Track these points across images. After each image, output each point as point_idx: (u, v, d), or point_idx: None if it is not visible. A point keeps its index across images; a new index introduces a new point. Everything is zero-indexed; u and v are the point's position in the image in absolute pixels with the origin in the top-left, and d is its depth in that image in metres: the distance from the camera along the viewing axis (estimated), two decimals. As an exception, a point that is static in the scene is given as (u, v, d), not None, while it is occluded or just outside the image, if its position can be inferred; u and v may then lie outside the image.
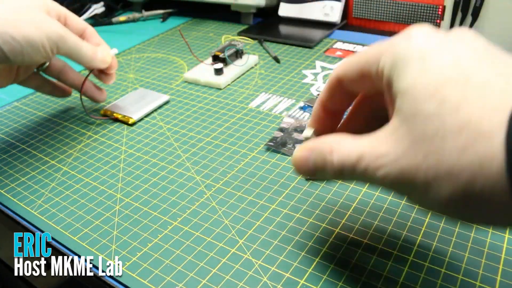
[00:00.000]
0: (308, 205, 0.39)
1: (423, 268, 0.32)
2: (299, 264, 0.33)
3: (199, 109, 0.57)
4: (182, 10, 0.93)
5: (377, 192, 0.40)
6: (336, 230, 0.36)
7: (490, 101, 0.17)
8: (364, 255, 0.33)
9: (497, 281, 0.31)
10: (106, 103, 0.59)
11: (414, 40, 0.22)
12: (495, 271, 0.31)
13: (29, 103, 0.61)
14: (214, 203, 0.40)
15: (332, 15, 0.79)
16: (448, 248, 0.34)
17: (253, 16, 0.84)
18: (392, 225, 0.36)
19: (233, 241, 0.36)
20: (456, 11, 0.67)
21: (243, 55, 0.67)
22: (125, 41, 0.81)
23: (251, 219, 0.38)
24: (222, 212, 0.39)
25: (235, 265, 0.33)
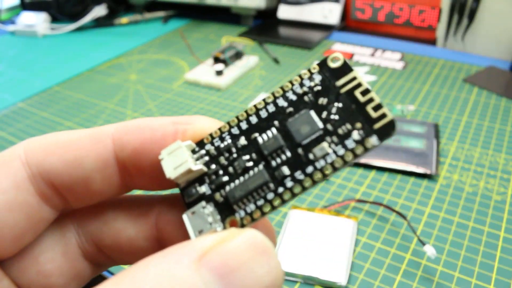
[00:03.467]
0: (308, 204, 0.40)
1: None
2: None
3: (200, 109, 0.58)
4: (183, 12, 0.94)
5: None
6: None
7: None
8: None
9: None
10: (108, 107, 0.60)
11: None
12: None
13: (33, 103, 0.62)
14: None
15: (330, 17, 0.80)
16: None
17: (253, 18, 0.85)
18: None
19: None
20: (453, 13, 0.68)
21: (243, 56, 0.68)
22: (127, 43, 0.82)
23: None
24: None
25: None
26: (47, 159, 0.14)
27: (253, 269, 0.11)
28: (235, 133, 0.14)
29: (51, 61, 0.76)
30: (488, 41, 0.68)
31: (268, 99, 0.14)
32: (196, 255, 0.11)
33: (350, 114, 0.13)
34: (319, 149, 0.12)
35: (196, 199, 0.14)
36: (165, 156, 0.13)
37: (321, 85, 0.13)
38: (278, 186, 0.13)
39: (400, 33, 0.79)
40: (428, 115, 0.53)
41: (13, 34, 0.90)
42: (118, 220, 0.16)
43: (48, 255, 0.15)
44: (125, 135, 0.14)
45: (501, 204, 0.39)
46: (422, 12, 0.75)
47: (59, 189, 0.14)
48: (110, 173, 0.14)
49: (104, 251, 0.16)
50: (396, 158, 0.44)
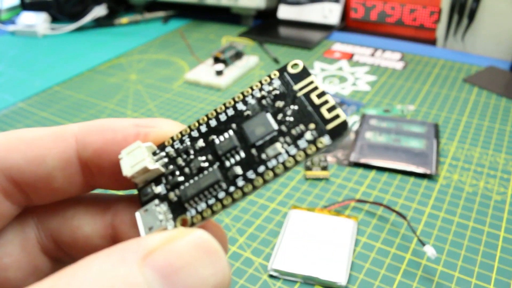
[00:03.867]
0: (307, 203, 0.40)
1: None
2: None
3: (200, 109, 0.58)
4: (183, 12, 0.94)
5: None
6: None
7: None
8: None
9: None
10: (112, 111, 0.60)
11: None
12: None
13: (33, 103, 0.62)
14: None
15: (330, 17, 0.80)
16: None
17: (253, 18, 0.85)
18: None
19: (233, 239, 0.37)
20: (453, 13, 0.68)
21: (243, 56, 0.68)
22: (127, 43, 0.82)
23: (251, 217, 0.39)
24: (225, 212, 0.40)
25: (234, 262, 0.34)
26: (9, 155, 0.14)
27: (197, 270, 0.10)
28: (194, 136, 0.14)
29: (51, 61, 0.76)
30: (488, 41, 0.68)
31: (228, 104, 0.14)
32: (141, 253, 0.10)
33: (305, 115, 0.13)
34: (272, 149, 0.13)
35: (151, 198, 0.14)
36: (124, 156, 0.14)
37: (279, 89, 0.14)
38: (230, 185, 0.13)
39: (400, 33, 0.79)
40: (428, 115, 0.53)
41: (13, 34, 0.90)
42: (76, 217, 0.16)
43: (6, 249, 0.15)
44: (88, 135, 0.14)
45: (501, 204, 0.39)
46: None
47: (21, 186, 0.14)
48: (72, 171, 0.15)
49: (62, 247, 0.16)
50: (396, 158, 0.44)
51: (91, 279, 0.10)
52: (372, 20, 0.80)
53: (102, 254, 0.11)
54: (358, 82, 0.62)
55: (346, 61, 0.68)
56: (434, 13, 0.74)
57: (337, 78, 0.63)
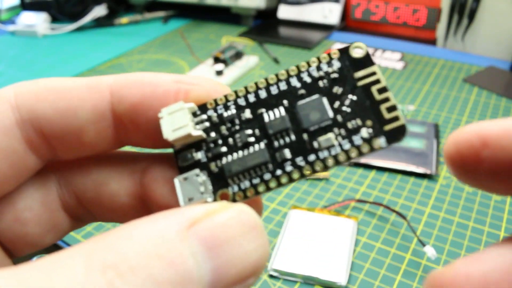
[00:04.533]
0: (307, 203, 0.40)
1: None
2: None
3: (200, 109, 0.58)
4: (183, 12, 0.94)
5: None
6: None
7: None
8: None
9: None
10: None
11: None
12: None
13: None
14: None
15: (331, 17, 0.80)
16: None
17: (253, 18, 0.85)
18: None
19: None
20: (453, 13, 0.68)
21: (243, 56, 0.68)
22: (127, 43, 0.82)
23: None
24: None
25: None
26: (39, 105, 0.13)
27: (241, 245, 0.10)
28: (241, 104, 0.13)
29: (51, 61, 0.76)
30: (488, 41, 0.68)
31: (281, 76, 0.13)
32: (186, 223, 0.10)
33: (363, 109, 0.12)
34: (325, 139, 0.12)
35: (190, 165, 0.13)
36: (165, 116, 0.13)
37: (338, 72, 0.13)
38: (277, 168, 0.12)
39: (400, 33, 0.79)
40: (428, 115, 0.53)
41: (13, 34, 0.90)
42: (102, 173, 0.15)
43: (26, 202, 0.14)
44: (124, 88, 0.13)
45: (501, 204, 0.39)
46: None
47: (49, 138, 0.13)
48: (105, 126, 0.14)
49: (85, 204, 0.15)
50: (396, 158, 0.44)
51: (136, 243, 0.10)
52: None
53: (145, 220, 0.10)
54: (358, 82, 0.62)
55: (346, 61, 0.68)
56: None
57: (337, 78, 0.63)
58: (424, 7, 0.75)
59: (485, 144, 0.11)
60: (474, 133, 0.11)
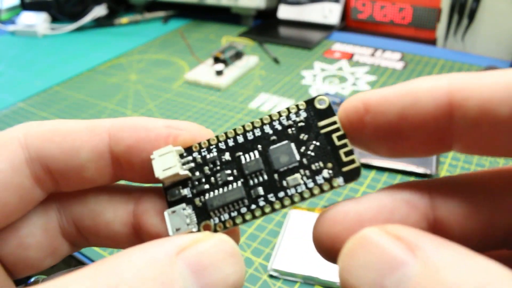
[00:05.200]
0: (307, 203, 0.40)
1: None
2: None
3: (200, 109, 0.58)
4: (183, 12, 0.94)
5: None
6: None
7: None
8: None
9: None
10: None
11: None
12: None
13: (33, 103, 0.62)
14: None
15: (331, 17, 0.80)
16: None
17: (253, 18, 0.85)
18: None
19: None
20: (453, 13, 0.68)
21: (243, 56, 0.68)
22: (127, 43, 0.82)
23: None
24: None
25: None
26: (46, 145, 0.15)
27: (222, 269, 0.12)
28: (221, 148, 0.15)
29: (51, 61, 0.76)
30: (488, 41, 0.68)
31: (256, 124, 0.15)
32: (175, 250, 0.12)
33: (325, 153, 0.14)
34: (292, 179, 0.14)
35: (178, 200, 0.15)
36: (156, 157, 0.15)
37: (305, 122, 0.15)
38: (252, 203, 0.14)
39: (400, 33, 0.79)
40: (428, 115, 0.53)
41: (13, 34, 0.90)
42: (99, 204, 0.16)
43: (30, 229, 0.16)
44: (121, 131, 0.15)
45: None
46: (422, 12, 0.75)
47: (54, 174, 0.15)
48: (104, 164, 0.15)
49: (82, 231, 0.17)
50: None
51: (132, 268, 0.11)
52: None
53: (138, 248, 0.12)
54: (358, 82, 0.62)
55: (346, 61, 0.68)
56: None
57: (337, 78, 0.63)
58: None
59: (367, 109, 0.13)
60: (360, 100, 0.13)
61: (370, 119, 0.13)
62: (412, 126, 0.12)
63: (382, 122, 0.13)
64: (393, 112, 0.12)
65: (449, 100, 0.12)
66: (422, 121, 0.12)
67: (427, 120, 0.12)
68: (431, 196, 0.13)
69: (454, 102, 0.12)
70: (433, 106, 0.12)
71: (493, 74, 0.11)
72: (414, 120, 0.12)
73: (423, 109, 0.12)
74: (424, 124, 0.12)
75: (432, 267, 0.10)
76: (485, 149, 0.12)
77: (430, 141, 0.13)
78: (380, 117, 0.13)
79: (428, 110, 0.12)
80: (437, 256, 0.10)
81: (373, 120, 0.13)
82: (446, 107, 0.12)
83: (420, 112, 0.12)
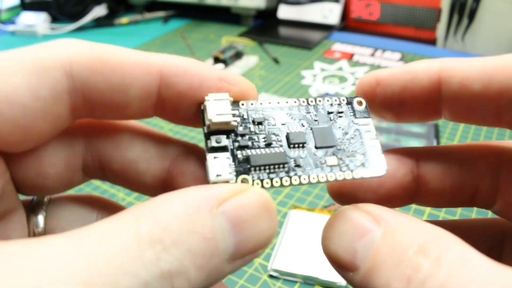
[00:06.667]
0: (308, 203, 0.40)
1: None
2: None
3: (200, 109, 0.58)
4: (183, 12, 0.94)
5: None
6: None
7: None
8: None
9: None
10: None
11: None
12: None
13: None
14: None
15: (330, 17, 0.80)
16: None
17: (253, 18, 0.85)
18: None
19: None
20: (453, 13, 0.68)
21: (243, 56, 0.68)
22: (127, 43, 0.82)
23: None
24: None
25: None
26: (93, 77, 0.14)
27: (258, 224, 0.13)
28: (269, 112, 0.16)
29: (51, 61, 0.76)
30: (488, 41, 0.68)
31: (302, 102, 0.16)
32: (215, 201, 0.12)
33: (357, 145, 0.16)
34: (330, 159, 0.16)
35: (220, 147, 0.15)
36: (211, 100, 0.15)
37: (344, 113, 0.17)
38: (291, 171, 0.15)
39: (400, 33, 0.79)
40: (428, 115, 0.53)
41: (13, 34, 0.90)
42: (133, 151, 0.16)
43: (52, 160, 0.15)
44: (174, 76, 0.15)
45: (501, 204, 0.39)
46: (422, 12, 0.75)
47: (94, 106, 0.14)
48: (148, 104, 0.15)
49: (107, 173, 0.16)
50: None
51: (176, 220, 0.11)
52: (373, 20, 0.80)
53: (179, 193, 0.12)
54: (358, 82, 0.62)
55: (346, 61, 0.68)
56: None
57: (337, 78, 0.63)
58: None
59: (378, 83, 0.16)
60: (372, 76, 0.16)
61: (380, 90, 0.16)
62: (412, 96, 0.16)
63: (389, 93, 0.16)
64: (398, 85, 0.16)
65: (439, 77, 0.15)
66: (419, 92, 0.15)
67: (422, 92, 0.15)
68: (416, 157, 0.17)
69: (442, 79, 0.15)
70: (427, 81, 0.15)
71: (473, 59, 0.15)
72: (413, 92, 0.16)
73: (420, 83, 0.15)
74: (420, 95, 0.15)
75: (390, 231, 0.13)
76: (466, 117, 0.16)
77: (425, 109, 0.16)
78: (387, 89, 0.16)
79: (424, 85, 0.15)
80: (395, 223, 0.13)
81: (382, 91, 0.16)
82: (437, 83, 0.15)
83: (417, 85, 0.15)
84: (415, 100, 0.16)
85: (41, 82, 0.13)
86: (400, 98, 0.16)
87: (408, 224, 0.13)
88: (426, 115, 0.16)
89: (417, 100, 0.16)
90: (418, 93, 0.16)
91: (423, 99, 0.16)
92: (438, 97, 0.15)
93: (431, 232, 0.13)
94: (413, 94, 0.16)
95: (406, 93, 0.16)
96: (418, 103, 0.16)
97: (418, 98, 0.16)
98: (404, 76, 0.16)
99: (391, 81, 0.16)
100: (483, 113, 0.15)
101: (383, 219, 0.13)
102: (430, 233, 0.13)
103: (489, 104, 0.14)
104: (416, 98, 0.16)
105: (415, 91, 0.16)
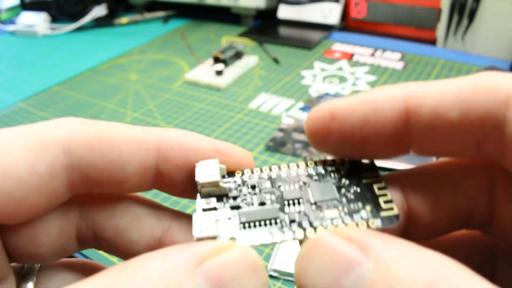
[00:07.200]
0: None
1: None
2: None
3: (200, 109, 0.58)
4: (183, 12, 0.94)
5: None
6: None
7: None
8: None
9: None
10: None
11: None
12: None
13: (33, 103, 0.62)
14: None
15: (330, 17, 0.80)
16: None
17: (253, 18, 0.85)
18: None
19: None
20: (453, 13, 0.68)
21: (243, 56, 0.68)
22: (127, 43, 0.82)
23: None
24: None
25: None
26: (91, 154, 0.14)
27: (243, 283, 0.11)
28: (263, 177, 0.16)
29: (51, 61, 0.76)
30: (488, 41, 0.68)
31: (300, 165, 0.16)
32: (194, 261, 0.11)
33: (364, 198, 0.15)
34: (330, 212, 0.14)
35: (209, 209, 0.15)
36: (201, 165, 0.15)
37: (348, 172, 0.15)
38: (284, 226, 0.14)
39: (400, 33, 0.79)
40: (428, 115, 0.53)
41: (13, 34, 0.90)
42: (125, 221, 0.16)
43: (46, 228, 0.15)
44: (170, 150, 0.15)
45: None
46: (422, 12, 0.75)
47: (91, 182, 0.15)
48: (146, 178, 0.15)
49: (101, 241, 0.16)
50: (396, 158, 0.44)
51: (149, 277, 0.11)
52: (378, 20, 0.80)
53: (156, 255, 0.12)
54: (358, 82, 0.62)
55: (346, 61, 0.68)
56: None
57: (337, 78, 0.63)
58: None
59: (333, 117, 0.14)
60: (326, 109, 0.14)
61: (336, 126, 0.14)
62: (374, 132, 0.13)
63: (346, 129, 0.14)
64: (356, 119, 0.13)
65: (405, 107, 0.13)
66: (383, 126, 0.13)
67: (387, 125, 0.13)
68: (402, 188, 0.15)
69: (410, 109, 0.13)
70: (391, 113, 0.13)
71: (443, 83, 0.13)
72: (375, 126, 0.13)
73: (383, 116, 0.13)
74: (384, 129, 0.13)
75: (384, 265, 0.10)
76: (439, 150, 0.14)
77: (390, 145, 0.14)
78: (344, 124, 0.14)
79: (387, 117, 0.13)
80: (388, 253, 0.11)
81: (338, 127, 0.14)
82: (403, 114, 0.13)
83: (380, 118, 0.13)
84: (378, 135, 0.14)
85: (38, 158, 0.13)
86: (360, 134, 0.14)
87: (404, 253, 0.11)
88: (393, 151, 0.14)
89: (381, 136, 0.14)
90: (381, 127, 0.13)
91: (388, 134, 0.13)
92: (405, 130, 0.13)
93: (436, 263, 0.10)
94: (375, 129, 0.13)
95: (367, 128, 0.13)
96: (382, 139, 0.14)
97: (382, 133, 0.13)
98: (363, 108, 0.13)
99: (348, 115, 0.14)
100: (461, 144, 0.13)
101: (371, 248, 0.11)
102: (436, 265, 0.10)
103: (468, 134, 0.12)
104: (380, 134, 0.13)
105: (378, 126, 0.13)
